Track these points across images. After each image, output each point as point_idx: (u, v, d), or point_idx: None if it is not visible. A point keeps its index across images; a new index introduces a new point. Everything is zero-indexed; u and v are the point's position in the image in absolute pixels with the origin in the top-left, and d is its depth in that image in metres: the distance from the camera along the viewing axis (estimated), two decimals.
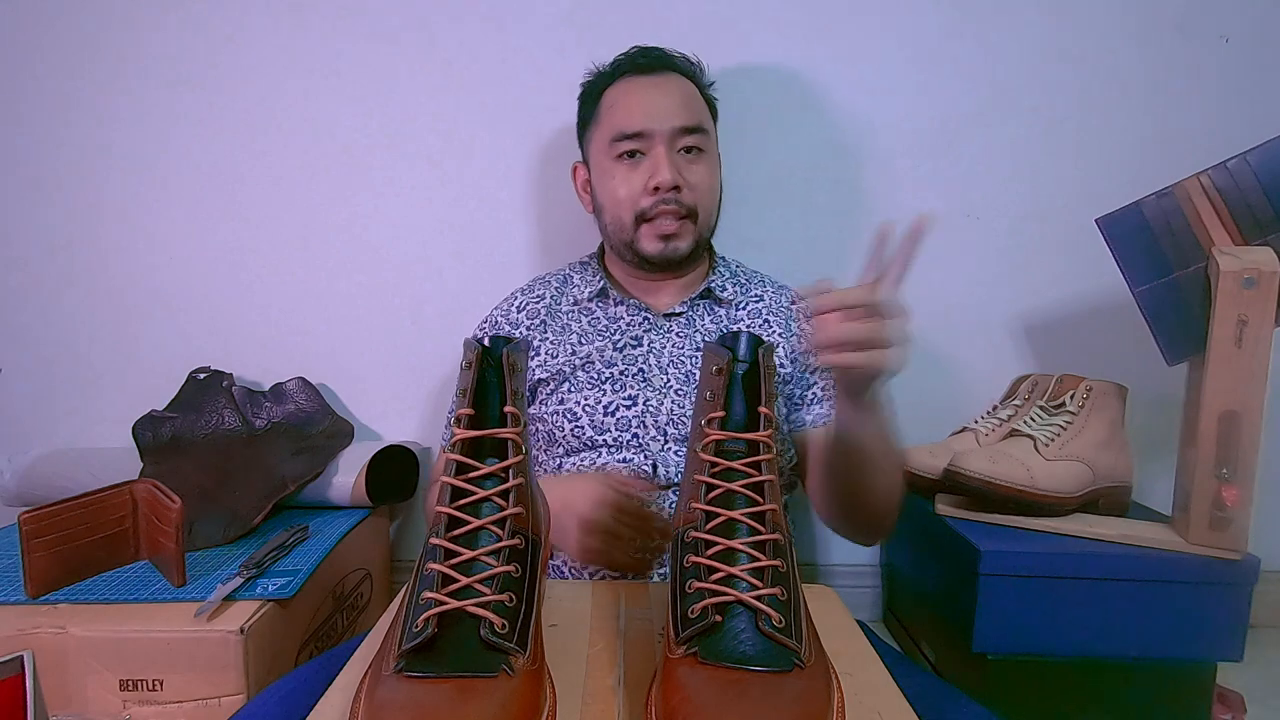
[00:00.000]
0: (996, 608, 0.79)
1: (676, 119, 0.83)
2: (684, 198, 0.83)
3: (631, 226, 0.85)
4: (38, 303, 1.14)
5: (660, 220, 0.83)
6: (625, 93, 0.86)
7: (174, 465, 1.00)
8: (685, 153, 0.84)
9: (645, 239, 0.84)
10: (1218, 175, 0.79)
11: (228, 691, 0.69)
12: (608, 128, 0.85)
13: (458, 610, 0.41)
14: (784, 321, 0.90)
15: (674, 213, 0.83)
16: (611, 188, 0.85)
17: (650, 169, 0.83)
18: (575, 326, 0.88)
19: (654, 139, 0.83)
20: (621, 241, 0.87)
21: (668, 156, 0.82)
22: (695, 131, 0.84)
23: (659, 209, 0.83)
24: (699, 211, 0.85)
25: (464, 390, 0.47)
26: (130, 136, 1.11)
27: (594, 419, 0.82)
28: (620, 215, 0.85)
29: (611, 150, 0.85)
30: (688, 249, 0.85)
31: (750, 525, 0.45)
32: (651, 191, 0.83)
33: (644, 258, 0.86)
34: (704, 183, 0.85)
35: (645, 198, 0.83)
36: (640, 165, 0.84)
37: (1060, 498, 0.83)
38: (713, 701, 0.38)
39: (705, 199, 0.85)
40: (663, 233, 0.84)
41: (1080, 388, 0.90)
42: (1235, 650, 0.79)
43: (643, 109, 0.84)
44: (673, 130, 0.83)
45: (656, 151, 0.83)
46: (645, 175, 0.83)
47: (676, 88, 0.86)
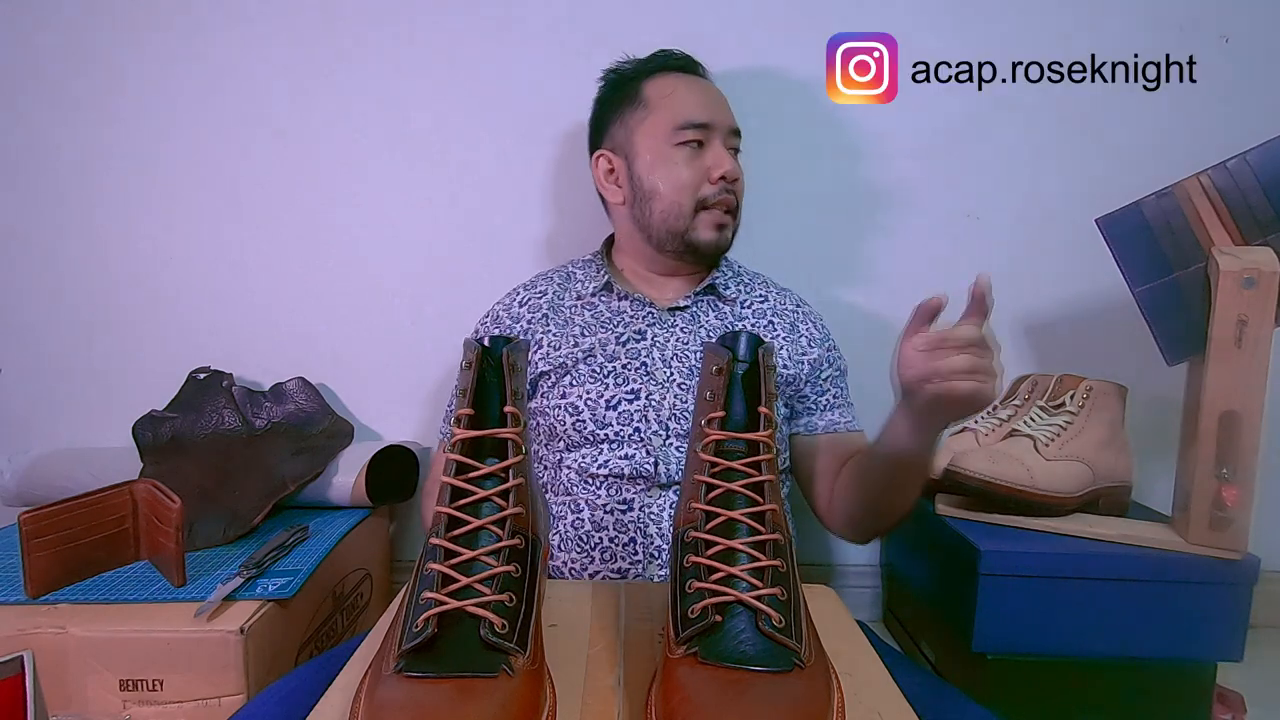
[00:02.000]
0: (996, 608, 0.79)
1: (731, 120, 0.89)
2: (737, 191, 0.88)
3: (690, 213, 0.86)
4: (38, 303, 1.14)
5: (717, 210, 0.87)
6: (679, 86, 0.88)
7: (174, 465, 1.00)
8: (733, 153, 0.89)
9: (702, 226, 0.87)
10: (1218, 175, 0.79)
11: (228, 691, 0.69)
12: (668, 115, 0.87)
13: (458, 610, 0.41)
14: (789, 324, 0.90)
15: (728, 204, 0.87)
16: (674, 173, 0.86)
17: (713, 160, 0.86)
18: (578, 320, 0.88)
19: (714, 132, 0.87)
20: (672, 230, 0.87)
21: (724, 151, 0.87)
22: (738, 135, 0.90)
23: (720, 198, 0.86)
24: (739, 207, 0.90)
25: (464, 390, 0.47)
26: (130, 137, 1.11)
27: (595, 413, 0.82)
28: (680, 200, 0.86)
29: (672, 137, 0.86)
30: (731, 241, 0.90)
31: (750, 525, 0.45)
32: (715, 181, 0.86)
33: (694, 246, 0.88)
34: (742, 181, 0.90)
35: (708, 186, 0.86)
36: (700, 155, 0.87)
37: (1060, 498, 0.83)
38: (713, 701, 0.38)
39: (742, 198, 0.90)
40: (718, 222, 0.87)
41: (1080, 388, 0.90)
42: (1235, 650, 0.79)
43: (706, 104, 0.88)
44: (729, 128, 0.88)
45: (716, 144, 0.87)
46: (706, 164, 0.86)
47: (719, 91, 0.91)
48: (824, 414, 0.90)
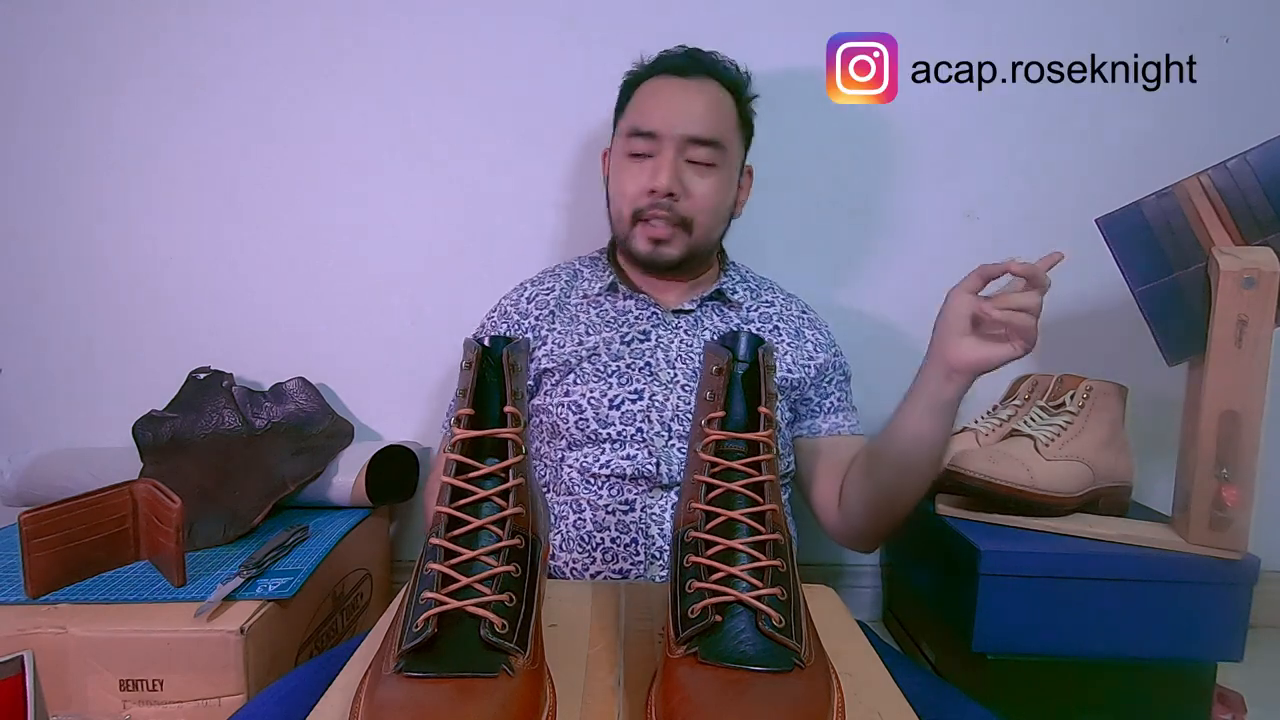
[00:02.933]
0: (996, 608, 0.79)
1: (690, 127, 0.82)
2: (679, 206, 0.83)
3: (628, 223, 0.85)
4: (38, 303, 1.14)
5: (653, 223, 0.83)
6: (653, 91, 0.86)
7: (174, 465, 1.00)
8: (693, 164, 0.84)
9: (638, 238, 0.85)
10: (1218, 175, 0.79)
11: (228, 691, 0.69)
12: (628, 120, 0.86)
13: (458, 610, 0.41)
14: (794, 329, 0.90)
15: (666, 218, 0.83)
16: (620, 182, 0.86)
17: (654, 170, 0.83)
18: (583, 318, 0.88)
19: (663, 141, 0.82)
20: (619, 236, 0.88)
21: (672, 162, 0.82)
22: (707, 144, 0.83)
23: (653, 212, 0.83)
24: (695, 224, 0.84)
25: (464, 390, 0.47)
26: (130, 137, 1.11)
27: (598, 412, 0.82)
28: (620, 209, 0.86)
29: (626, 145, 0.85)
30: (677, 256, 0.85)
31: (750, 525, 0.45)
32: (649, 193, 0.83)
33: (634, 255, 0.87)
34: (707, 197, 0.84)
35: (643, 198, 0.83)
36: (646, 165, 0.84)
37: (1060, 498, 0.83)
38: (713, 701, 0.38)
39: (705, 214, 0.84)
40: (653, 235, 0.84)
41: (1080, 388, 0.90)
42: (1235, 650, 0.79)
43: (662, 110, 0.84)
44: (682, 137, 0.82)
45: (664, 155, 0.82)
46: (648, 176, 0.83)
47: (705, 95, 0.85)
48: (827, 416, 0.91)
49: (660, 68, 0.87)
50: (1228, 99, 1.07)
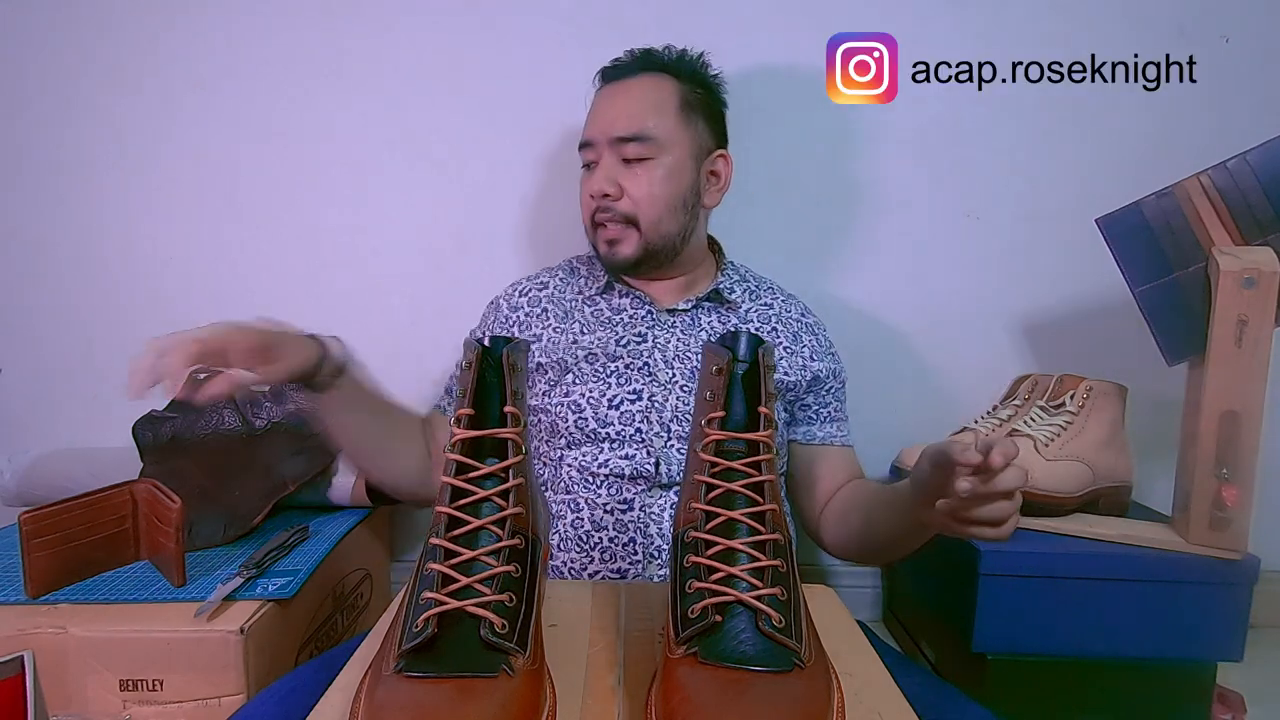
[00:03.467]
0: (996, 608, 0.79)
1: (614, 128, 0.84)
2: (620, 206, 0.84)
3: (591, 230, 0.88)
4: (38, 303, 1.14)
5: (606, 226, 0.86)
6: (594, 102, 0.89)
7: (174, 465, 1.00)
8: (628, 162, 0.85)
9: (599, 243, 0.88)
10: (1218, 175, 0.79)
11: (228, 691, 0.69)
12: None
13: (458, 610, 0.41)
14: (793, 333, 0.90)
15: (613, 219, 0.85)
16: (581, 191, 0.89)
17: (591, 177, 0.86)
18: (578, 316, 0.88)
19: (599, 148, 0.85)
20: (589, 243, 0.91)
21: (605, 166, 0.85)
22: (634, 140, 0.84)
23: (600, 216, 0.86)
24: (640, 219, 0.84)
25: (464, 390, 0.47)
26: (131, 137, 1.11)
27: (597, 412, 0.82)
28: (584, 218, 0.89)
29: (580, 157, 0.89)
30: (633, 254, 0.85)
31: (750, 525, 0.45)
32: (591, 198, 0.86)
33: (600, 260, 0.89)
34: (643, 191, 0.84)
35: (591, 204, 0.86)
36: (592, 174, 0.86)
37: (1060, 498, 0.83)
38: (713, 701, 0.38)
39: (646, 207, 0.84)
40: (607, 238, 0.86)
41: (1080, 388, 0.90)
42: (1235, 650, 0.79)
43: (594, 118, 0.87)
44: (610, 140, 0.84)
45: (603, 160, 0.85)
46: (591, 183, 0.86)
47: (632, 93, 0.86)
48: (823, 425, 0.91)
49: (604, 78, 0.90)
50: (1228, 99, 1.07)
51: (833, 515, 0.86)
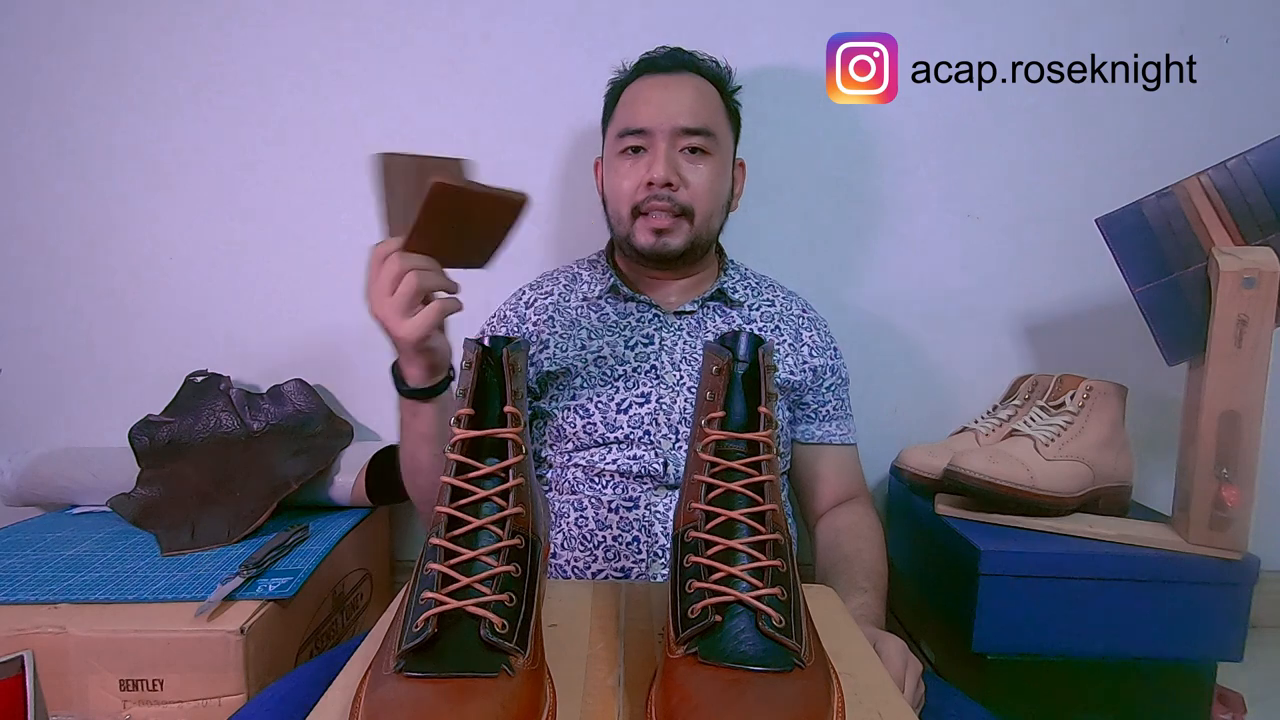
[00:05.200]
0: (996, 608, 0.79)
1: (680, 119, 0.83)
2: (679, 196, 0.83)
3: (628, 220, 0.85)
4: (38, 303, 1.14)
5: (654, 215, 0.84)
6: (638, 91, 0.87)
7: (172, 469, 1.00)
8: (689, 153, 0.84)
9: (640, 231, 0.85)
10: (1218, 175, 0.79)
11: (228, 691, 0.69)
12: (618, 123, 0.87)
13: (458, 610, 0.41)
14: (794, 330, 0.90)
15: (667, 209, 0.83)
16: (614, 181, 0.86)
17: (649, 164, 0.83)
18: (584, 322, 0.88)
19: (656, 136, 0.83)
20: (620, 235, 0.88)
21: (666, 154, 0.83)
22: (699, 133, 0.84)
23: (652, 204, 0.83)
24: (695, 212, 0.84)
25: (464, 390, 0.47)
26: (131, 136, 1.11)
27: (606, 416, 0.82)
28: (619, 209, 0.86)
29: (617, 145, 0.86)
30: (681, 246, 0.85)
31: (750, 525, 0.45)
32: (646, 186, 0.83)
33: (638, 250, 0.86)
34: (703, 184, 0.84)
35: (641, 191, 0.84)
36: (641, 160, 0.84)
37: (1060, 498, 0.83)
38: (712, 701, 0.38)
39: (703, 201, 0.85)
40: (656, 226, 0.84)
41: (1080, 388, 0.90)
42: (1235, 650, 0.79)
43: (649, 106, 0.84)
44: (674, 129, 0.83)
45: (657, 148, 0.83)
46: (644, 170, 0.83)
47: (690, 88, 0.86)
48: (822, 424, 0.91)
49: (643, 69, 0.88)
50: (1228, 99, 1.07)
51: (823, 537, 0.88)
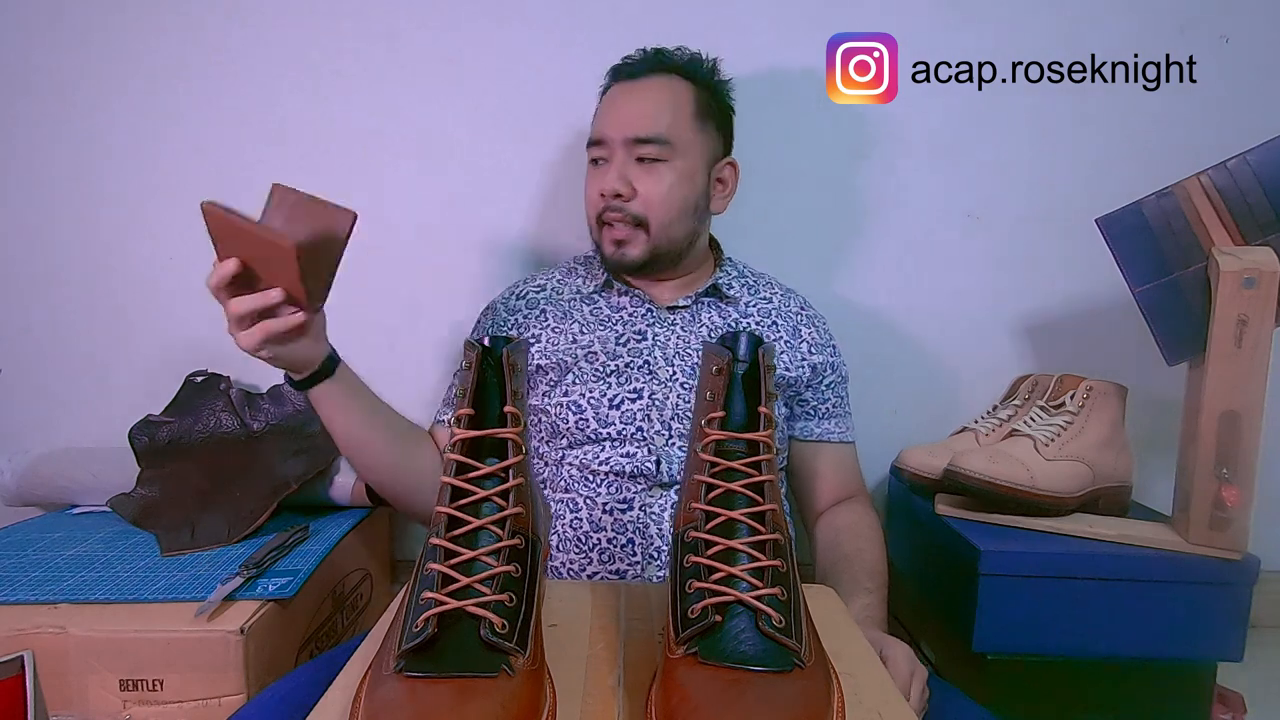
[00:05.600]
0: (996, 608, 0.79)
1: (631, 128, 0.83)
2: (632, 206, 0.84)
3: (596, 229, 0.87)
4: (38, 303, 1.14)
5: (613, 225, 0.85)
6: (607, 100, 0.88)
7: (173, 469, 1.00)
8: (644, 162, 0.84)
9: (604, 241, 0.87)
10: (1218, 175, 0.79)
11: (228, 691, 0.69)
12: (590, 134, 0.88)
13: (458, 610, 0.41)
14: (792, 326, 0.90)
15: (621, 219, 0.84)
16: (586, 190, 0.88)
17: (604, 174, 0.85)
18: (577, 315, 0.88)
19: (612, 146, 0.84)
20: (594, 243, 0.90)
21: (618, 165, 0.84)
22: (651, 142, 0.83)
23: (609, 215, 0.85)
24: (649, 221, 0.84)
25: (464, 390, 0.47)
26: (130, 136, 1.11)
27: (598, 412, 0.82)
28: (589, 216, 0.88)
29: (587, 155, 0.88)
30: (639, 257, 0.85)
31: (750, 525, 0.45)
32: (601, 197, 0.85)
33: (603, 260, 0.88)
34: (655, 193, 0.83)
35: (600, 202, 0.85)
36: (600, 171, 0.86)
37: (1060, 498, 0.83)
38: (712, 701, 0.38)
39: (658, 210, 0.83)
40: (614, 238, 0.85)
41: (1080, 388, 0.90)
42: (1235, 650, 0.79)
43: (608, 116, 0.86)
44: (626, 139, 0.83)
45: (613, 158, 0.84)
46: (601, 180, 0.85)
47: (653, 94, 0.85)
48: (821, 421, 0.91)
49: (616, 75, 0.89)
50: (1228, 99, 1.07)
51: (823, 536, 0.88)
